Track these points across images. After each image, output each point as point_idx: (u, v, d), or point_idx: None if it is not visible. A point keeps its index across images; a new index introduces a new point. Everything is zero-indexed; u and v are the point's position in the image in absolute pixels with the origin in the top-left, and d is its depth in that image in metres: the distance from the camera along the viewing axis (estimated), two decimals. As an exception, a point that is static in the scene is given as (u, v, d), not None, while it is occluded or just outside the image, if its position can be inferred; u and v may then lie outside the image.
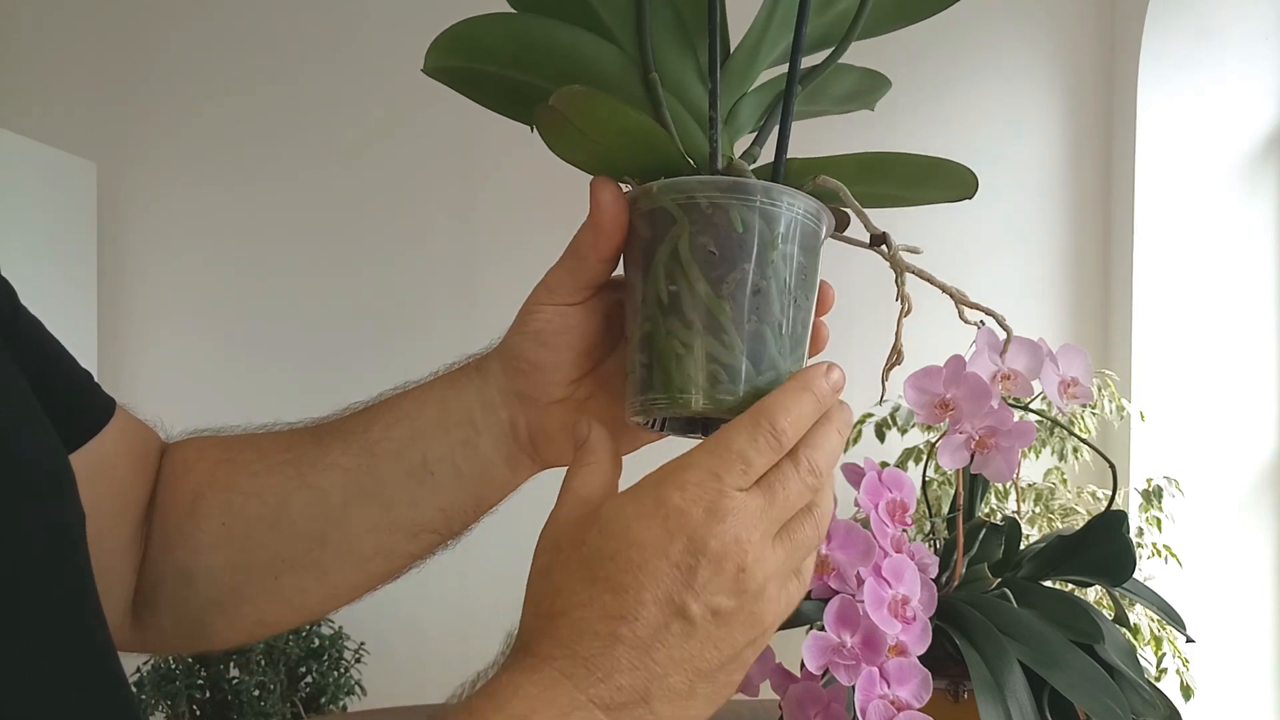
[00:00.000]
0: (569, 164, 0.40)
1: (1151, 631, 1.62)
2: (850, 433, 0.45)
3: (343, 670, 1.83)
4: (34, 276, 1.90)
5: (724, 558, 0.33)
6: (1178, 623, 0.56)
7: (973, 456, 0.49)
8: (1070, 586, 0.58)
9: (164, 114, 2.17)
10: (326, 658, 1.82)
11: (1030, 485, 1.76)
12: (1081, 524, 0.62)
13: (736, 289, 0.37)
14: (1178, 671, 1.63)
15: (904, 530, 0.46)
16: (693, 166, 0.40)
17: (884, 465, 0.48)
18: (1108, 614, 0.53)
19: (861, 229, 0.41)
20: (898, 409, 1.78)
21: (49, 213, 1.97)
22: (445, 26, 0.40)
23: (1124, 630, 0.53)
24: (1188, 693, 1.63)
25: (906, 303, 0.41)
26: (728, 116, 0.41)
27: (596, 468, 0.38)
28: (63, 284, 2.00)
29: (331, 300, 2.19)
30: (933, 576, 0.51)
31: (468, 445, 0.47)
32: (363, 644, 1.88)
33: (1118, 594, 0.58)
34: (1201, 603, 1.91)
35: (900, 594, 0.43)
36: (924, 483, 0.63)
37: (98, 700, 0.38)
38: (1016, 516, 0.59)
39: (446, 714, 0.33)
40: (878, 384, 0.42)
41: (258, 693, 1.71)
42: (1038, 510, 1.71)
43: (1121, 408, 1.80)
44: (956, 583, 0.55)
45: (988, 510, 1.56)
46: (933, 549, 0.57)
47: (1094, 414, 1.78)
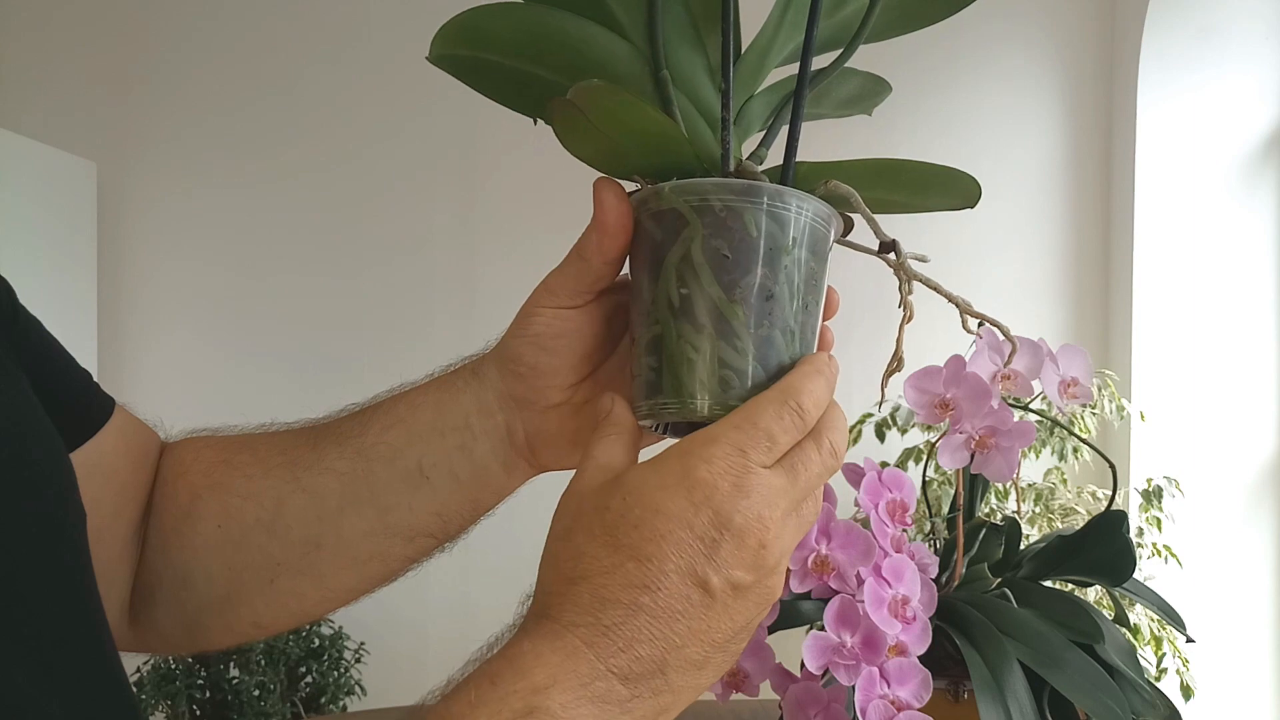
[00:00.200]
0: (577, 158, 0.40)
1: (1151, 631, 1.62)
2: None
3: (343, 670, 1.83)
4: (34, 276, 1.90)
5: (746, 533, 0.34)
6: (1178, 623, 0.56)
7: (973, 456, 0.49)
8: (1070, 586, 0.58)
9: (164, 114, 2.17)
10: (326, 658, 1.82)
11: (1030, 485, 1.76)
12: (1081, 524, 0.62)
13: (749, 293, 0.36)
14: (1178, 671, 1.63)
15: (904, 530, 0.46)
16: (703, 168, 0.39)
17: (884, 465, 0.48)
18: (1108, 614, 0.53)
19: (862, 234, 0.41)
20: (898, 409, 1.78)
21: (49, 213, 1.97)
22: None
23: (1124, 630, 0.53)
24: (1188, 693, 1.63)
25: (909, 310, 0.41)
26: (737, 117, 0.41)
27: (619, 439, 0.38)
28: (63, 284, 2.00)
29: (331, 300, 2.19)
30: (933, 576, 0.51)
31: (464, 450, 0.46)
32: (363, 644, 1.88)
33: (1118, 594, 0.58)
34: (1201, 603, 1.91)
35: (900, 594, 0.43)
36: (924, 483, 0.63)
37: (100, 698, 0.38)
38: (1016, 516, 0.59)
39: (469, 679, 0.33)
40: (877, 384, 0.42)
41: (258, 693, 1.71)
42: (1038, 510, 1.71)
43: (1121, 408, 1.80)
44: (956, 583, 0.55)
45: (988, 510, 1.56)
46: (933, 549, 0.57)
47: (1094, 414, 1.78)
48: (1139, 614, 1.60)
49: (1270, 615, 2.06)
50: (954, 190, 0.44)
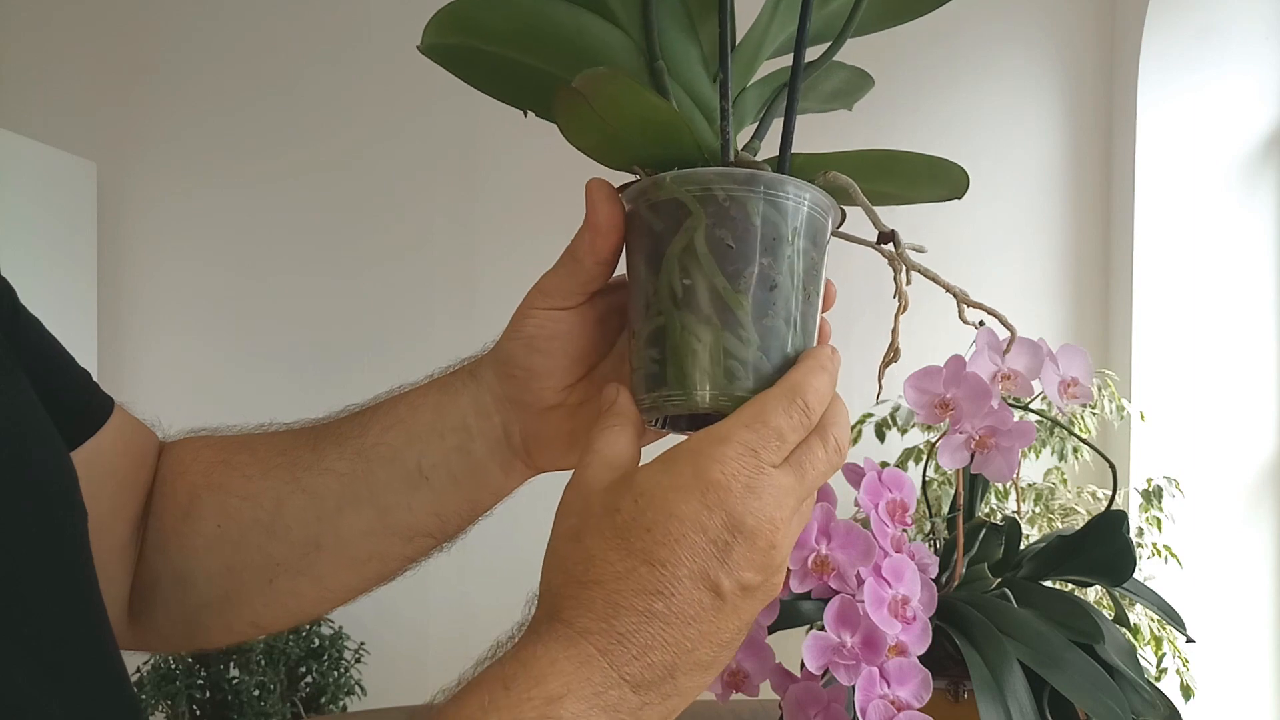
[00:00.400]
0: (578, 149, 0.39)
1: (1151, 631, 1.62)
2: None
3: (343, 670, 1.83)
4: (34, 276, 1.90)
5: (757, 535, 0.34)
6: (1178, 623, 0.56)
7: (973, 456, 0.49)
8: (1070, 586, 0.58)
9: (164, 114, 2.17)
10: (326, 658, 1.82)
11: (1030, 485, 1.76)
12: (1081, 524, 0.62)
13: (753, 283, 0.36)
14: (1178, 671, 1.63)
15: (904, 530, 0.46)
16: (703, 158, 0.39)
17: (884, 465, 0.48)
18: (1108, 614, 0.53)
19: (852, 226, 0.41)
20: (898, 409, 1.78)
21: (49, 213, 1.97)
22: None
23: (1124, 630, 0.53)
24: (1188, 693, 1.63)
25: (904, 301, 0.41)
26: (732, 109, 0.41)
27: (622, 431, 0.37)
28: (63, 284, 2.00)
29: (331, 300, 2.19)
30: (933, 576, 0.51)
31: (462, 451, 0.46)
32: (363, 644, 1.88)
33: (1118, 594, 0.58)
34: (1201, 603, 1.91)
35: (900, 594, 0.43)
36: (924, 483, 0.63)
37: (100, 698, 0.38)
38: (1016, 516, 0.59)
39: (482, 681, 0.33)
40: (877, 383, 0.42)
41: (258, 693, 1.71)
42: (1038, 510, 1.71)
43: (1121, 408, 1.80)
44: (956, 583, 0.55)
45: (988, 510, 1.56)
46: (933, 549, 0.57)
47: (1094, 414, 1.78)
48: (1139, 614, 1.60)
49: (1270, 615, 2.06)
50: (944, 181, 0.44)
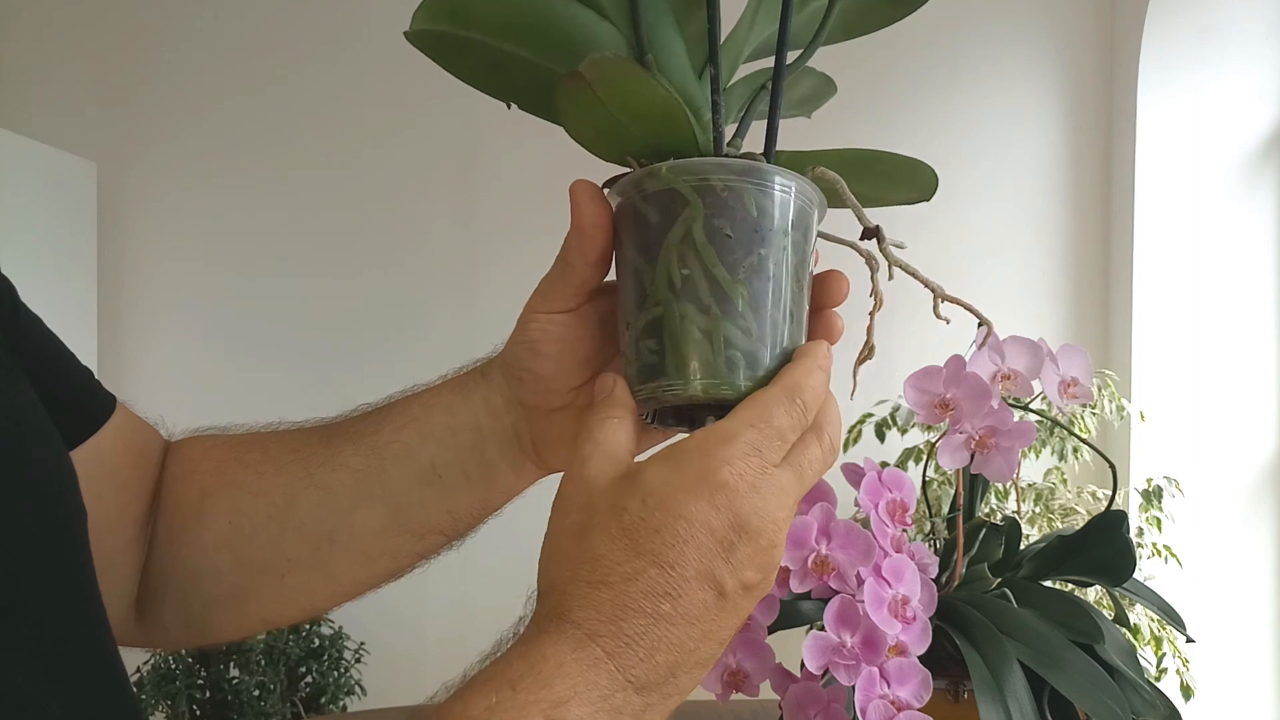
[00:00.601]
0: (575, 139, 0.39)
1: (1151, 631, 1.62)
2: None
3: (343, 670, 1.83)
4: (34, 276, 1.90)
5: (760, 535, 0.34)
6: (1178, 623, 0.56)
7: (973, 456, 0.49)
8: (1070, 586, 0.58)
9: (164, 114, 2.17)
10: (326, 658, 1.82)
11: (1030, 485, 1.76)
12: (1081, 524, 0.62)
13: (751, 273, 0.37)
14: (1178, 671, 1.63)
15: (904, 530, 0.46)
16: (697, 151, 0.39)
17: (884, 465, 0.48)
18: (1108, 614, 0.53)
19: (830, 225, 0.41)
20: (898, 409, 1.78)
21: (49, 213, 1.97)
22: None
23: (1124, 630, 0.53)
24: (1188, 693, 1.63)
25: (879, 299, 0.41)
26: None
27: (621, 423, 0.37)
28: (63, 284, 2.00)
29: (331, 300, 2.19)
30: (933, 576, 0.51)
31: (474, 450, 0.47)
32: (363, 644, 1.88)
33: (1118, 594, 0.58)
34: (1201, 603, 1.91)
35: (900, 594, 0.43)
36: (924, 483, 0.63)
37: (100, 697, 0.38)
38: (1016, 516, 0.59)
39: (488, 679, 0.32)
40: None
41: (258, 693, 1.71)
42: (1038, 510, 1.71)
43: (1121, 408, 1.80)
44: (956, 583, 0.55)
45: (988, 510, 1.56)
46: (933, 549, 0.57)
47: (1094, 414, 1.78)
48: (1139, 614, 1.60)
49: (1270, 615, 2.06)
50: (917, 183, 0.44)
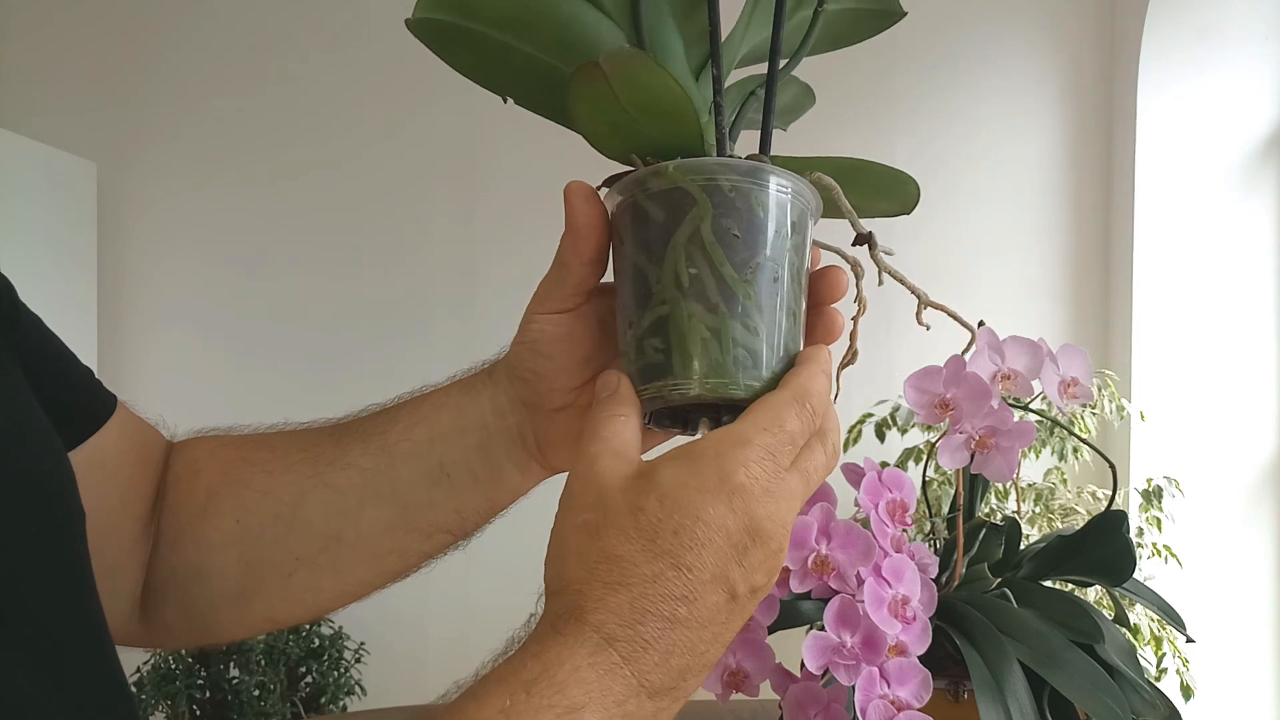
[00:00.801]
0: (582, 132, 0.39)
1: (1151, 631, 1.62)
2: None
3: (343, 670, 1.83)
4: (34, 276, 1.90)
5: (771, 539, 0.34)
6: (1178, 623, 0.56)
7: (973, 456, 0.49)
8: (1070, 586, 0.58)
9: (164, 114, 2.17)
10: (326, 658, 1.82)
11: (1030, 485, 1.76)
12: (1081, 524, 0.62)
13: (757, 273, 0.37)
14: (1178, 671, 1.63)
15: (904, 530, 0.46)
16: (703, 149, 0.39)
17: (884, 465, 0.48)
18: (1108, 614, 0.53)
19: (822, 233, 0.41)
20: (898, 409, 1.78)
21: (49, 213, 1.97)
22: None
23: (1124, 630, 0.53)
24: (1188, 693, 1.63)
25: (863, 304, 0.41)
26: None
27: (627, 421, 0.37)
28: (63, 284, 2.00)
29: (331, 301, 2.19)
30: (933, 576, 0.51)
31: (481, 450, 0.47)
32: (363, 644, 1.88)
33: (1118, 594, 0.58)
34: (1201, 603, 1.91)
35: (900, 594, 0.43)
36: (924, 483, 0.63)
37: (100, 698, 0.38)
38: (1016, 516, 0.59)
39: (501, 680, 0.32)
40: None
41: (258, 693, 1.71)
42: (1038, 510, 1.71)
43: (1121, 408, 1.80)
44: (956, 583, 0.55)
45: (988, 510, 1.56)
46: (933, 549, 0.57)
47: (1094, 414, 1.78)
48: (1139, 614, 1.60)
49: (1270, 615, 2.06)
50: (899, 194, 0.45)
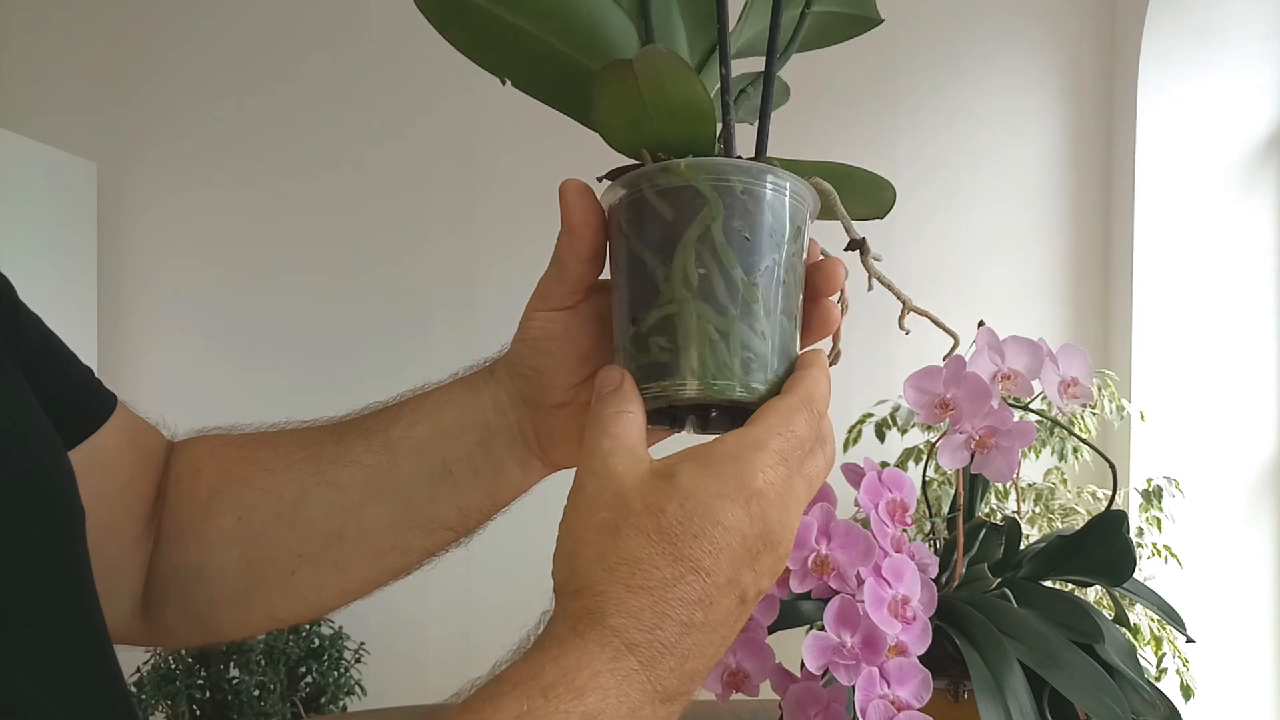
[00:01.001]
0: (598, 123, 0.39)
1: (1151, 631, 1.62)
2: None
3: (343, 670, 1.83)
4: (34, 276, 1.90)
5: (780, 544, 0.35)
6: (1178, 623, 0.56)
7: (973, 456, 0.49)
8: (1070, 586, 0.58)
9: (164, 115, 2.17)
10: (326, 658, 1.82)
11: (1030, 485, 1.76)
12: (1081, 524, 0.62)
13: (765, 276, 0.37)
14: (1178, 671, 1.63)
15: (904, 530, 0.46)
16: (713, 149, 0.39)
17: (884, 465, 0.48)
18: (1108, 614, 0.53)
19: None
20: (898, 409, 1.78)
21: (49, 213, 1.97)
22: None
23: (1124, 630, 0.53)
24: (1188, 693, 1.63)
25: (844, 305, 0.42)
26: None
27: (634, 418, 0.37)
28: (63, 284, 2.00)
29: (331, 301, 2.19)
30: (933, 576, 0.51)
31: (483, 446, 0.47)
32: (363, 644, 1.88)
33: (1118, 594, 0.58)
34: (1201, 603, 1.91)
35: (900, 594, 0.43)
36: (924, 483, 0.63)
37: (99, 698, 0.38)
38: (1016, 516, 0.59)
39: (518, 681, 0.32)
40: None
41: (258, 693, 1.71)
42: (1038, 510, 1.71)
43: (1121, 408, 1.80)
44: (956, 583, 0.55)
45: (988, 510, 1.56)
46: (933, 549, 0.57)
47: (1094, 414, 1.78)
48: (1139, 614, 1.60)
49: (1270, 615, 2.06)
50: (878, 200, 0.45)
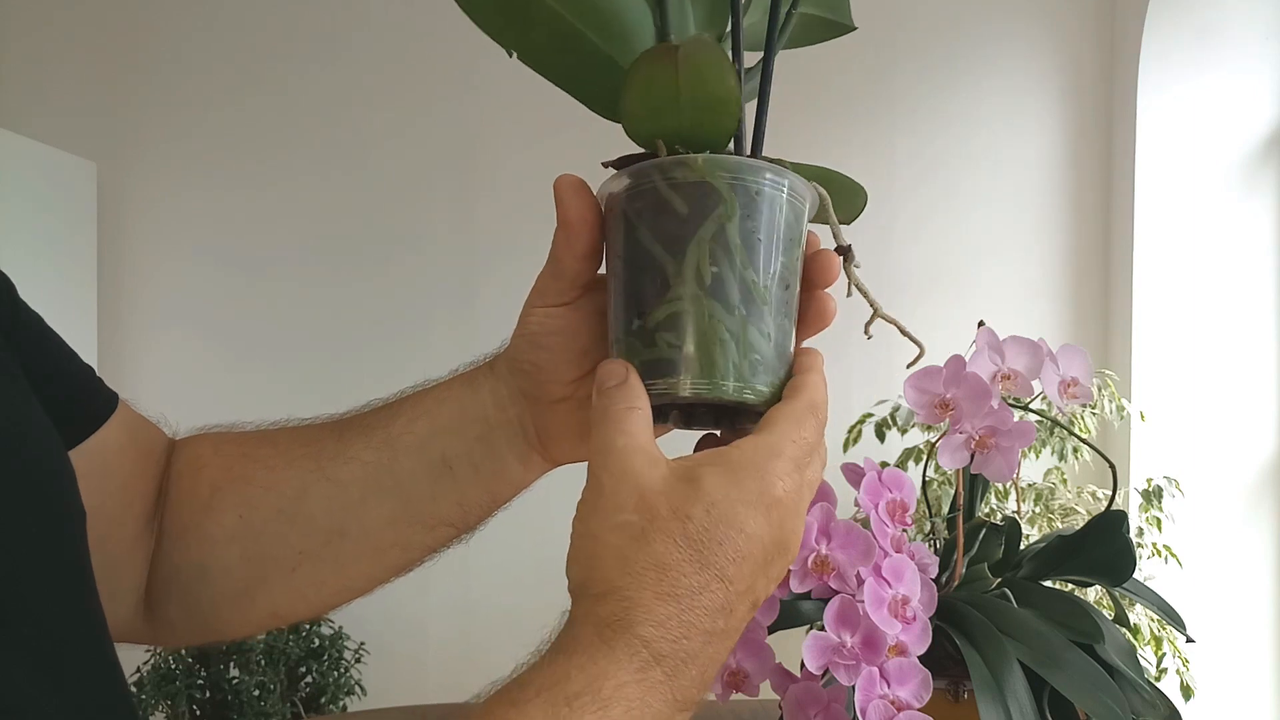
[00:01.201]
0: (622, 110, 0.38)
1: (1151, 631, 1.62)
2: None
3: (343, 670, 1.83)
4: (34, 276, 1.90)
5: (791, 550, 0.35)
6: (1178, 623, 0.56)
7: (973, 456, 0.49)
8: (1070, 586, 0.58)
9: (164, 115, 2.17)
10: (326, 658, 1.82)
11: (1030, 485, 1.76)
12: (1081, 524, 0.62)
13: (773, 278, 0.37)
14: (1178, 671, 1.63)
15: (904, 530, 0.46)
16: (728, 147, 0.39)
17: (884, 465, 0.48)
18: (1108, 614, 0.53)
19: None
20: (898, 409, 1.78)
21: (49, 213, 1.97)
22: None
23: (1124, 630, 0.53)
24: (1188, 693, 1.63)
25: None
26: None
27: (643, 415, 0.36)
28: (63, 284, 2.00)
29: (331, 301, 2.19)
30: (933, 576, 0.51)
31: (483, 442, 0.47)
32: (363, 644, 1.88)
33: (1118, 594, 0.58)
34: (1201, 603, 1.91)
35: (900, 594, 0.43)
36: (924, 483, 0.63)
37: (99, 697, 0.38)
38: (1016, 516, 0.59)
39: (542, 687, 0.32)
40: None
41: (258, 693, 1.71)
42: (1038, 510, 1.71)
43: (1121, 408, 1.80)
44: (956, 583, 0.55)
45: (988, 510, 1.56)
46: (933, 549, 0.57)
47: (1094, 414, 1.78)
48: (1139, 614, 1.60)
49: (1270, 615, 2.06)
50: (851, 204, 0.45)
